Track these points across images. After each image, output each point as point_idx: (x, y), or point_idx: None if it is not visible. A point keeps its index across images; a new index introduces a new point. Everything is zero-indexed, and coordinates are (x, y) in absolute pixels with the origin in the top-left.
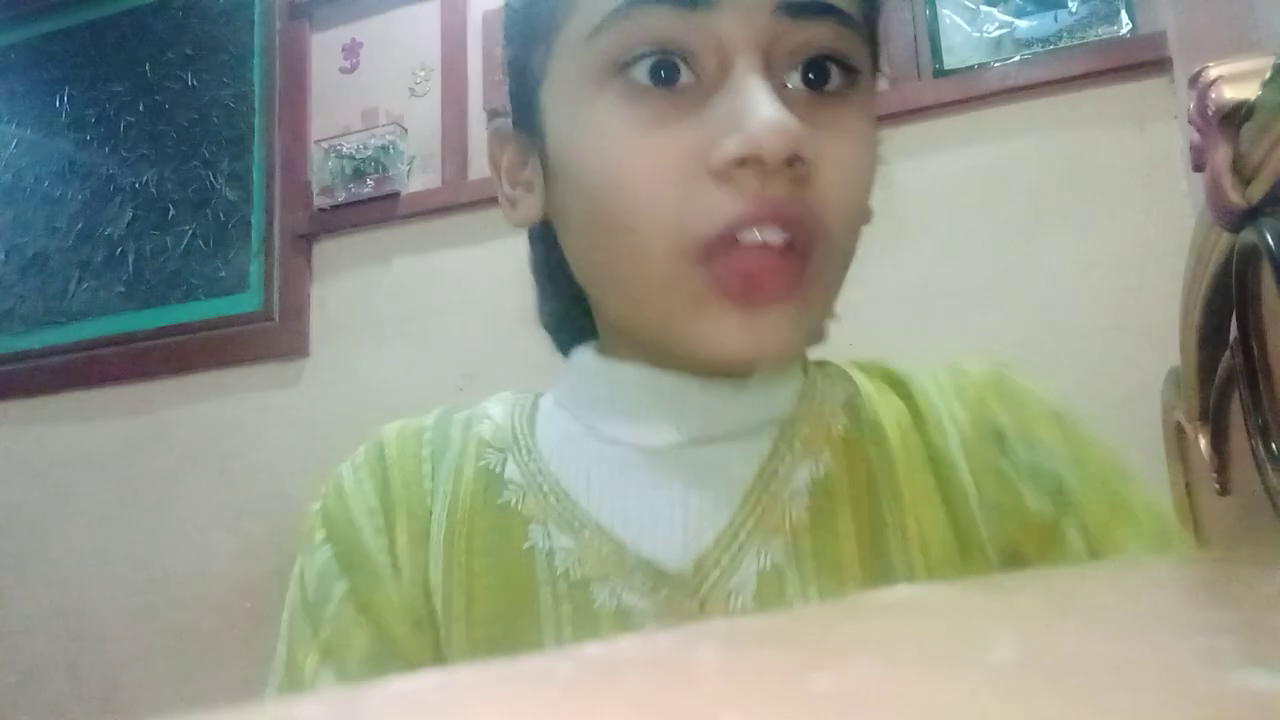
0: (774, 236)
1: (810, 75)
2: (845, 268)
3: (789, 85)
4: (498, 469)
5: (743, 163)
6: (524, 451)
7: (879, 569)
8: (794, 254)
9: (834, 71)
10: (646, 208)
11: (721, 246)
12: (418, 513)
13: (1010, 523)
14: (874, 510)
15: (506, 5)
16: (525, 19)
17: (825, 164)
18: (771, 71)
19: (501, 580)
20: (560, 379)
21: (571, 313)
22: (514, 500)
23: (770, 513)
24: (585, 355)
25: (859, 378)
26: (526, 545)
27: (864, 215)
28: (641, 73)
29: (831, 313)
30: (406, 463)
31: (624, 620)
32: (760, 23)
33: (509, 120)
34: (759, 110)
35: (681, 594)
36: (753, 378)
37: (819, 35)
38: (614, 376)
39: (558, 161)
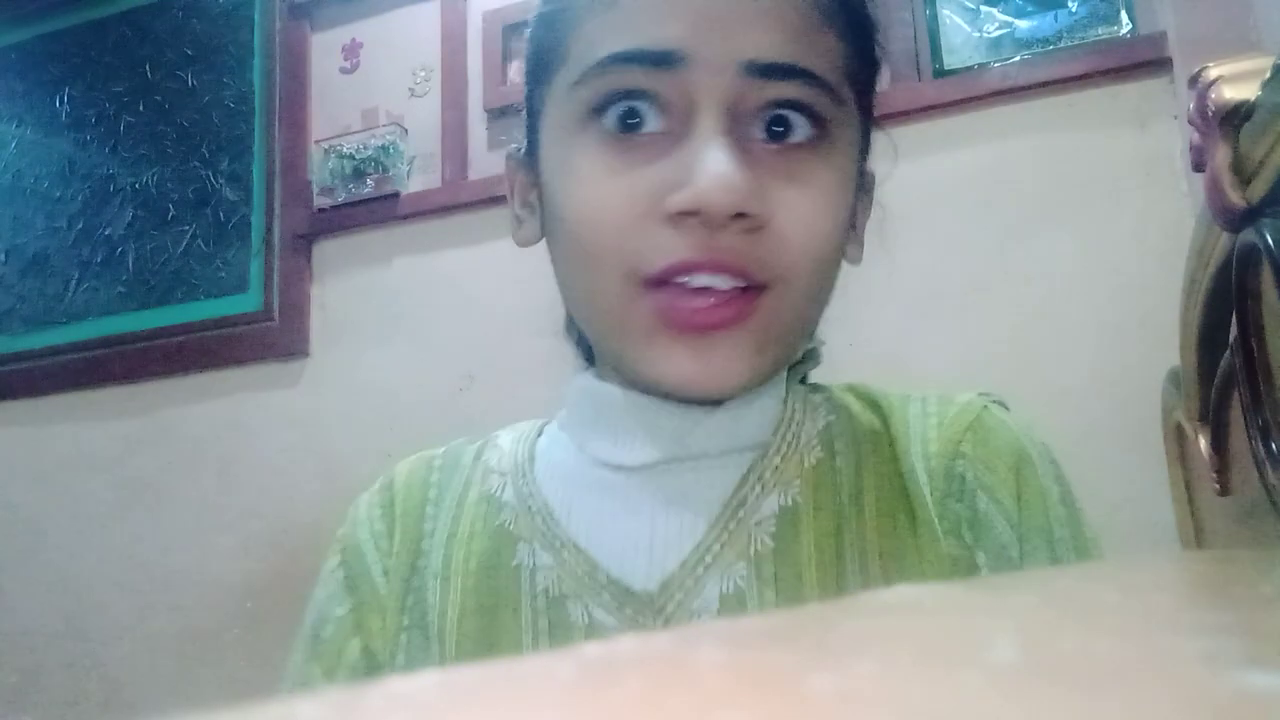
0: (719, 282)
1: (776, 128)
2: (814, 304)
3: (755, 138)
4: (499, 493)
5: (692, 213)
6: (522, 475)
7: (839, 592)
8: (743, 296)
9: (799, 123)
10: (606, 244)
11: (668, 284)
12: (411, 537)
13: (960, 570)
14: (838, 539)
15: (527, 39)
16: (534, 56)
17: (784, 215)
18: (736, 125)
19: (490, 597)
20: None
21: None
22: (508, 521)
23: (736, 538)
24: (584, 377)
25: (850, 403)
26: (514, 563)
27: (833, 258)
28: (612, 120)
29: (806, 343)
30: (412, 489)
31: (594, 636)
32: (726, 81)
33: (523, 146)
34: (710, 167)
35: (647, 613)
36: (725, 405)
37: (784, 92)
38: (603, 398)
39: (547, 193)
